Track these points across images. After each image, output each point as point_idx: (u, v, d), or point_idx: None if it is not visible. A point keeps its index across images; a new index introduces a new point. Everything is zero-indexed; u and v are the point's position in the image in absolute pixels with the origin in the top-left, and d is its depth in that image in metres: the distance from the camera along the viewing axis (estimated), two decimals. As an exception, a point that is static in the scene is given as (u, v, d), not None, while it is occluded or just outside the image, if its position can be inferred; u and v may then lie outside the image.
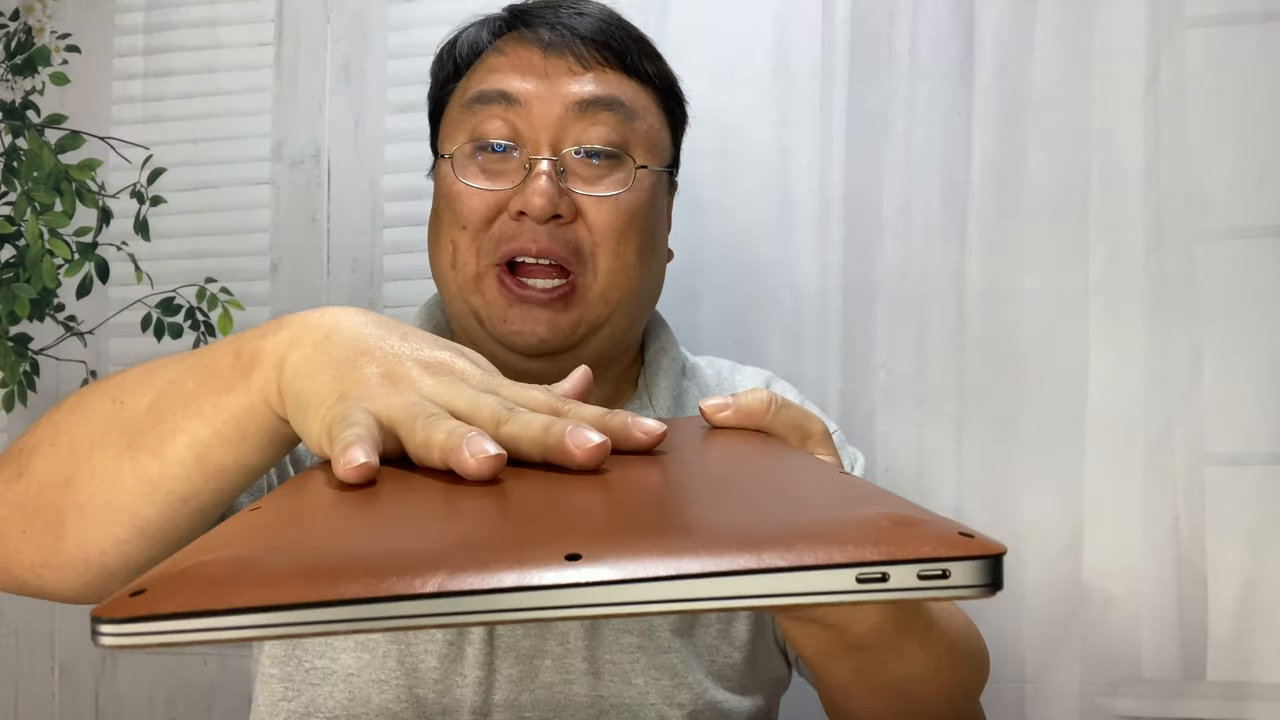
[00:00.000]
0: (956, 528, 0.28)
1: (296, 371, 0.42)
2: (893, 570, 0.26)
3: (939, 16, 1.01)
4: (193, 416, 0.45)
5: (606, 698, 0.64)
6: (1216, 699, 0.94)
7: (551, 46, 0.67)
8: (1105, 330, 0.97)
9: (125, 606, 0.26)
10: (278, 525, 0.32)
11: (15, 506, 0.51)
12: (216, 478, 0.46)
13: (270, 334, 0.44)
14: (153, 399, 0.47)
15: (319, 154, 1.12)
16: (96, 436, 0.48)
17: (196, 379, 0.46)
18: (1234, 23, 0.96)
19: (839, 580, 0.26)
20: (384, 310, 1.10)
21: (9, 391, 1.18)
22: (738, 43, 1.04)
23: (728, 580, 0.26)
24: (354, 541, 0.29)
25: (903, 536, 0.27)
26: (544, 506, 0.32)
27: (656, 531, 0.28)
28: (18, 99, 1.18)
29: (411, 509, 0.33)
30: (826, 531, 0.27)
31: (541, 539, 0.27)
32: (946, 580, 0.26)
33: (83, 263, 1.17)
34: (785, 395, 0.77)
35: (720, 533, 0.27)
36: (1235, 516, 0.94)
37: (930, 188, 1.01)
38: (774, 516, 0.29)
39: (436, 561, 0.26)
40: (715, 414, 0.46)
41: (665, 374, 0.73)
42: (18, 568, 0.51)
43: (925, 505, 0.94)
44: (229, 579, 0.26)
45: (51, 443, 0.50)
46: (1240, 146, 0.95)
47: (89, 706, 1.15)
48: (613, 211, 0.65)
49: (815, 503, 0.32)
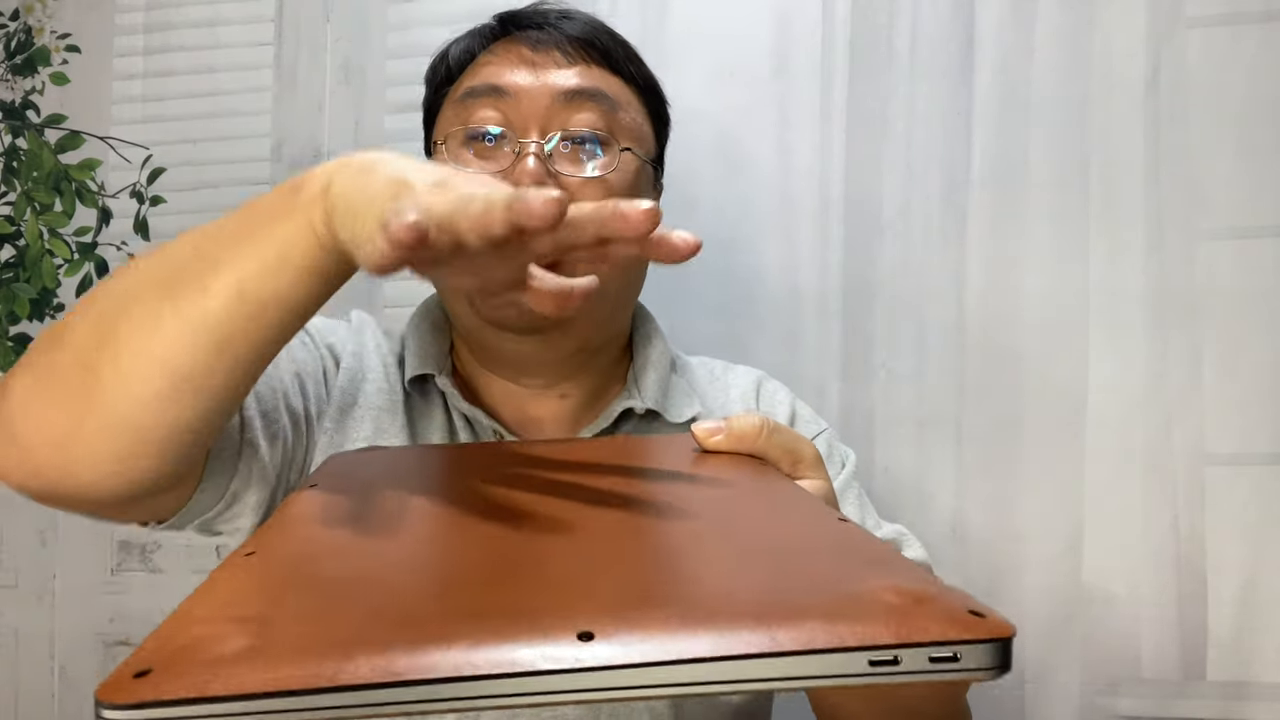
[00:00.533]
0: (967, 605, 0.27)
1: (345, 188, 0.43)
2: (904, 654, 0.26)
3: (939, 16, 1.01)
4: (236, 250, 0.46)
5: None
6: (1216, 699, 0.94)
7: (540, 44, 0.70)
8: (1105, 330, 0.97)
9: (130, 690, 0.25)
10: (276, 582, 0.31)
11: (46, 375, 0.49)
12: (257, 316, 0.46)
13: (313, 170, 0.45)
14: (195, 245, 0.47)
15: (319, 154, 1.12)
16: (135, 288, 0.48)
17: (239, 219, 0.47)
18: (1234, 23, 0.96)
19: (851, 663, 0.26)
20: (384, 311, 1.10)
21: (9, 391, 1.18)
22: (738, 43, 1.04)
23: (738, 664, 0.26)
24: (358, 610, 0.28)
25: (914, 616, 0.27)
26: (546, 565, 0.31)
27: (667, 607, 0.27)
28: (18, 99, 1.18)
29: (409, 565, 0.32)
30: (837, 610, 0.27)
31: (550, 612, 0.27)
32: (957, 663, 0.26)
33: (83, 263, 1.17)
34: (776, 395, 0.78)
35: (728, 608, 0.27)
36: (1235, 516, 0.94)
37: (930, 188, 1.01)
38: (780, 584, 0.29)
39: (447, 638, 0.26)
40: (708, 438, 0.46)
41: (653, 366, 0.74)
42: (43, 446, 0.49)
43: (925, 506, 0.94)
44: (233, 660, 0.26)
45: (92, 302, 0.49)
46: (1240, 146, 0.95)
47: (89, 706, 1.15)
48: (598, 191, 0.67)
49: (818, 564, 0.32)
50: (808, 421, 0.79)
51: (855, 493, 0.76)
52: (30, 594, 1.16)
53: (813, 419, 0.80)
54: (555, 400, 0.73)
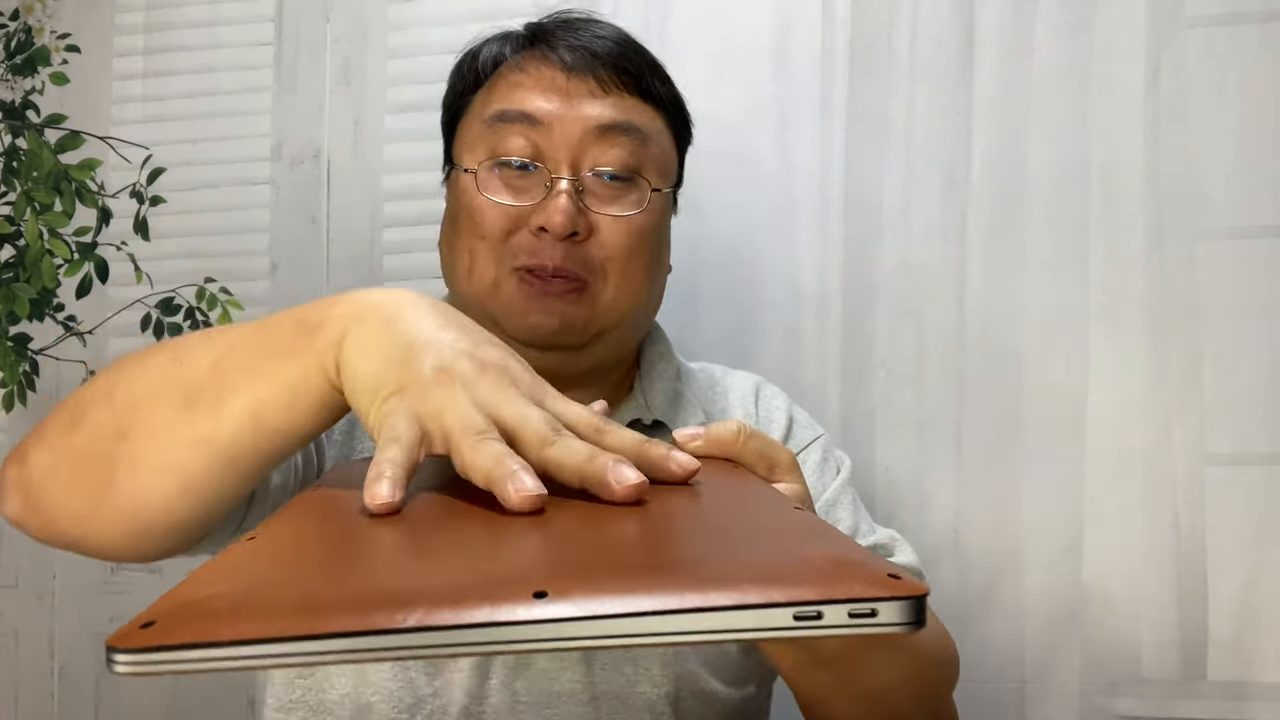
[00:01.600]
0: (886, 569, 0.31)
1: (356, 348, 0.44)
2: (826, 609, 0.29)
3: (939, 16, 1.01)
4: (252, 378, 0.47)
5: (598, 684, 0.66)
6: (1216, 699, 0.94)
7: (573, 69, 0.69)
8: (1105, 330, 0.97)
9: (136, 638, 0.28)
10: (272, 557, 0.35)
11: (66, 455, 0.52)
12: (268, 440, 0.48)
13: (335, 305, 0.47)
14: (214, 360, 0.49)
15: (319, 154, 1.12)
16: (155, 393, 0.50)
17: (258, 343, 0.48)
18: (1234, 23, 0.96)
19: (778, 618, 0.29)
20: (384, 310, 1.10)
21: (9, 391, 1.18)
22: (738, 43, 1.04)
23: (678, 617, 0.29)
24: (341, 577, 0.32)
25: (837, 577, 0.30)
26: (517, 542, 0.35)
27: (617, 571, 0.31)
28: (18, 99, 1.18)
29: (395, 543, 0.36)
30: (769, 571, 0.30)
31: (512, 577, 0.30)
32: (874, 618, 0.29)
33: (82, 263, 1.17)
34: (774, 400, 0.79)
35: (673, 571, 0.31)
36: (1235, 516, 0.94)
37: (930, 188, 1.01)
38: (725, 555, 0.33)
39: (415, 598, 0.29)
40: (687, 443, 0.48)
41: (661, 377, 0.75)
42: (63, 518, 0.53)
43: (925, 506, 0.95)
44: (228, 613, 0.29)
45: (108, 396, 0.51)
46: (1240, 146, 0.95)
47: (89, 706, 1.15)
48: (626, 231, 0.69)
49: (764, 541, 0.35)
50: (804, 427, 0.79)
51: (850, 499, 0.76)
52: (30, 594, 1.16)
53: (809, 424, 0.80)
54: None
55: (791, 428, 0.78)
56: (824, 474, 0.77)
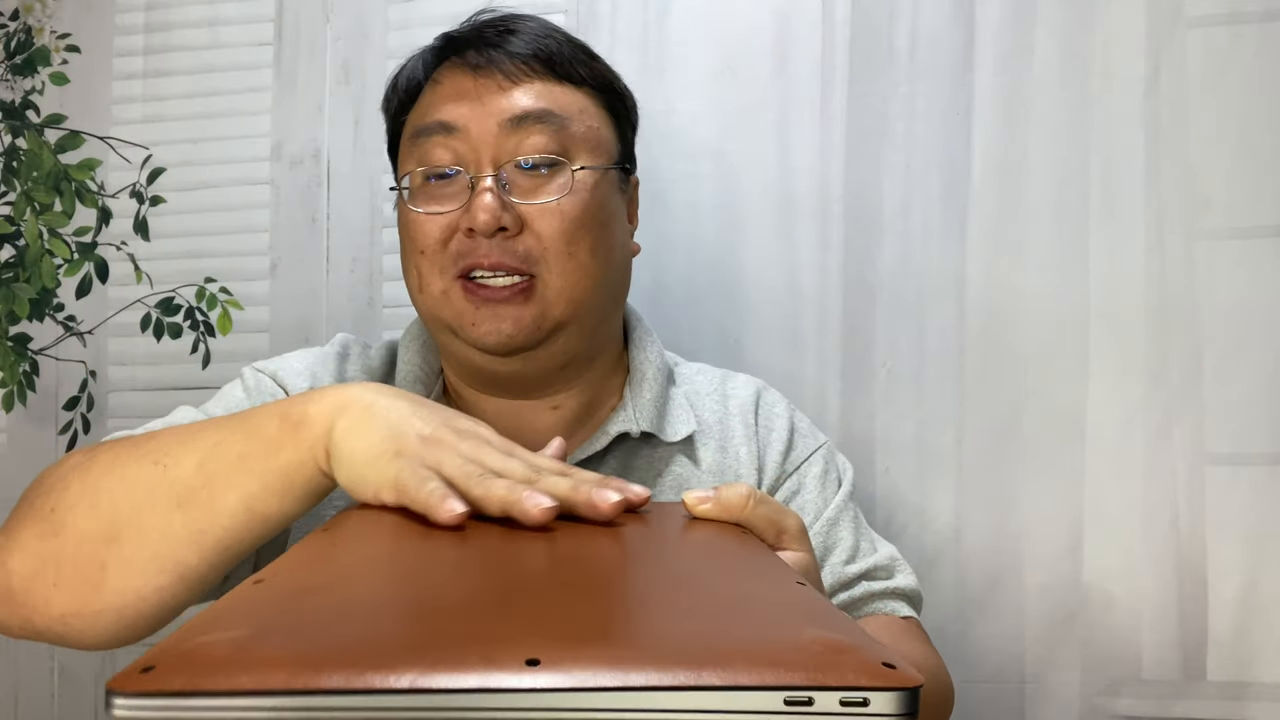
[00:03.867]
0: (882, 657, 0.30)
1: (346, 435, 0.50)
2: (818, 695, 0.29)
3: (939, 16, 1.01)
4: (243, 474, 0.52)
5: None
6: (1216, 699, 0.94)
7: (479, 68, 0.70)
8: (1105, 330, 0.97)
9: (135, 682, 0.29)
10: (276, 604, 0.35)
11: (48, 561, 0.55)
12: (261, 526, 0.52)
13: (314, 400, 0.52)
14: (199, 461, 0.53)
15: (319, 154, 1.12)
16: (142, 498, 0.53)
17: (244, 440, 0.52)
18: (1234, 23, 0.96)
19: (768, 701, 0.29)
20: (383, 311, 1.10)
21: (9, 391, 1.18)
22: (738, 42, 1.04)
23: (667, 695, 0.29)
24: (340, 630, 0.32)
25: (831, 663, 0.30)
26: (513, 602, 0.35)
27: (610, 642, 0.31)
28: (18, 99, 1.18)
29: (394, 595, 0.37)
30: (762, 652, 0.30)
31: (506, 641, 0.31)
32: (865, 708, 0.29)
33: (82, 263, 1.17)
34: (774, 407, 0.78)
35: (666, 646, 0.31)
36: (1235, 516, 0.94)
37: (930, 188, 1.01)
38: (720, 631, 0.33)
39: (410, 659, 0.29)
40: (696, 506, 0.49)
41: (650, 384, 0.74)
42: (43, 618, 0.55)
43: (925, 506, 0.96)
44: (225, 662, 0.30)
45: (91, 504, 0.54)
46: (1240, 146, 0.95)
47: (89, 706, 1.15)
48: (556, 216, 0.68)
49: (761, 619, 0.35)
50: (805, 436, 0.78)
51: (851, 516, 0.76)
52: (30, 594, 1.16)
53: (810, 433, 0.79)
54: (548, 412, 0.73)
55: (793, 437, 0.77)
56: (825, 487, 0.76)
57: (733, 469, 0.74)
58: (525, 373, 0.71)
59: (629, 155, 0.76)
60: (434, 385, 0.73)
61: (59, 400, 1.17)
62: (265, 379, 0.73)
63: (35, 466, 1.18)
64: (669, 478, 0.73)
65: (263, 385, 0.72)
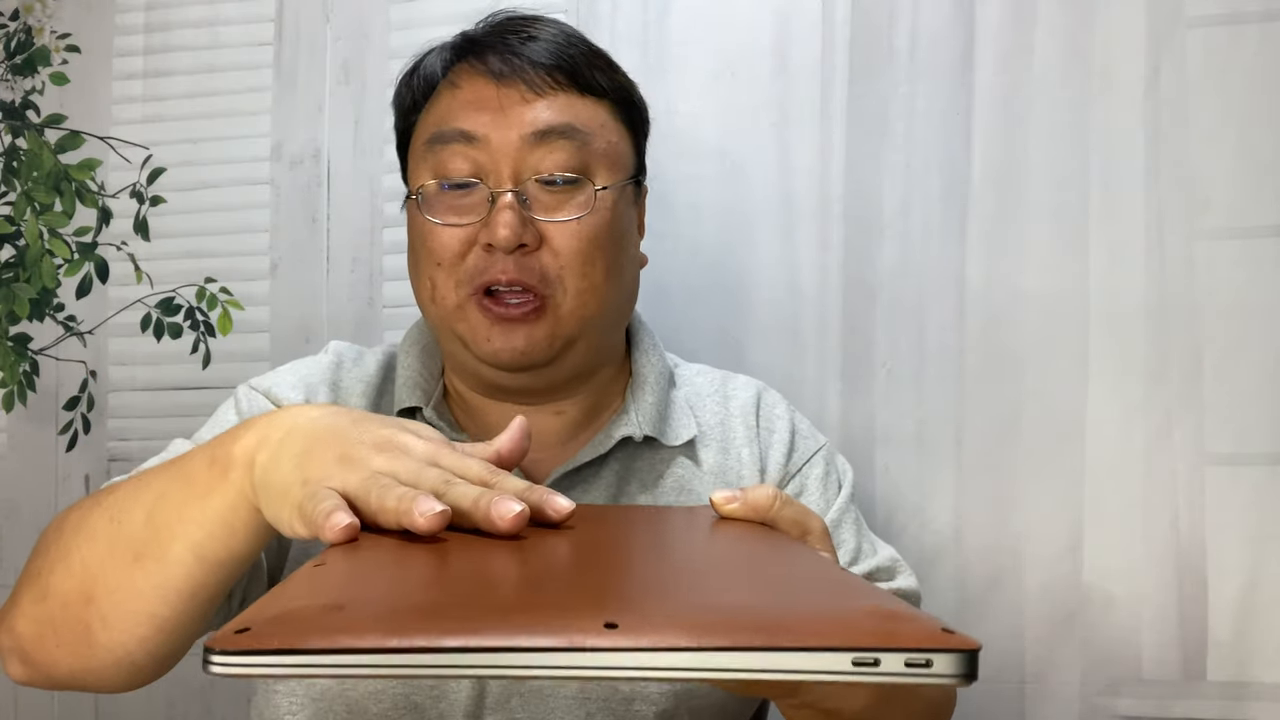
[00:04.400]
0: (939, 624, 0.32)
1: (265, 469, 0.49)
2: (884, 656, 0.30)
3: (939, 16, 1.01)
4: (185, 522, 0.52)
5: (593, 700, 0.66)
6: (1216, 699, 0.94)
7: (502, 77, 0.68)
8: (1105, 330, 0.97)
9: (232, 641, 0.31)
10: (350, 578, 0.37)
11: (44, 624, 0.56)
12: (215, 571, 0.53)
13: (239, 438, 0.51)
14: (147, 513, 0.53)
15: (319, 154, 1.12)
16: (104, 555, 0.54)
17: (180, 489, 0.53)
18: (1234, 23, 0.96)
19: (836, 661, 0.30)
20: (383, 311, 1.10)
21: (9, 391, 1.18)
22: (738, 42, 1.04)
23: (743, 655, 0.30)
24: (420, 601, 0.33)
25: (894, 628, 0.31)
26: (584, 574, 0.37)
27: (680, 608, 0.33)
28: (18, 99, 1.18)
29: (464, 573, 0.38)
30: (829, 618, 0.32)
31: (586, 606, 0.32)
32: (929, 669, 0.30)
33: (82, 263, 1.17)
34: (775, 408, 0.78)
35: (736, 612, 0.32)
36: (1235, 516, 0.94)
37: (930, 188, 1.01)
38: (783, 601, 0.35)
39: (494, 620, 0.31)
40: (724, 505, 0.50)
41: (651, 388, 0.74)
42: (61, 674, 0.57)
43: (925, 506, 0.96)
44: (321, 624, 0.31)
45: (65, 564, 0.56)
46: (1240, 146, 0.95)
47: (89, 706, 1.15)
48: (575, 236, 0.67)
49: (818, 592, 0.37)
50: (806, 437, 0.78)
51: (852, 518, 0.76)
52: (30, 594, 1.16)
53: (811, 434, 0.79)
54: (551, 416, 0.73)
55: (794, 439, 0.77)
56: (826, 489, 0.76)
57: (735, 470, 0.75)
58: (533, 384, 0.71)
59: (642, 165, 0.76)
60: (434, 391, 0.73)
61: (59, 400, 1.17)
62: (258, 397, 0.72)
63: (35, 466, 1.18)
64: (671, 480, 0.73)
65: (256, 406, 0.71)
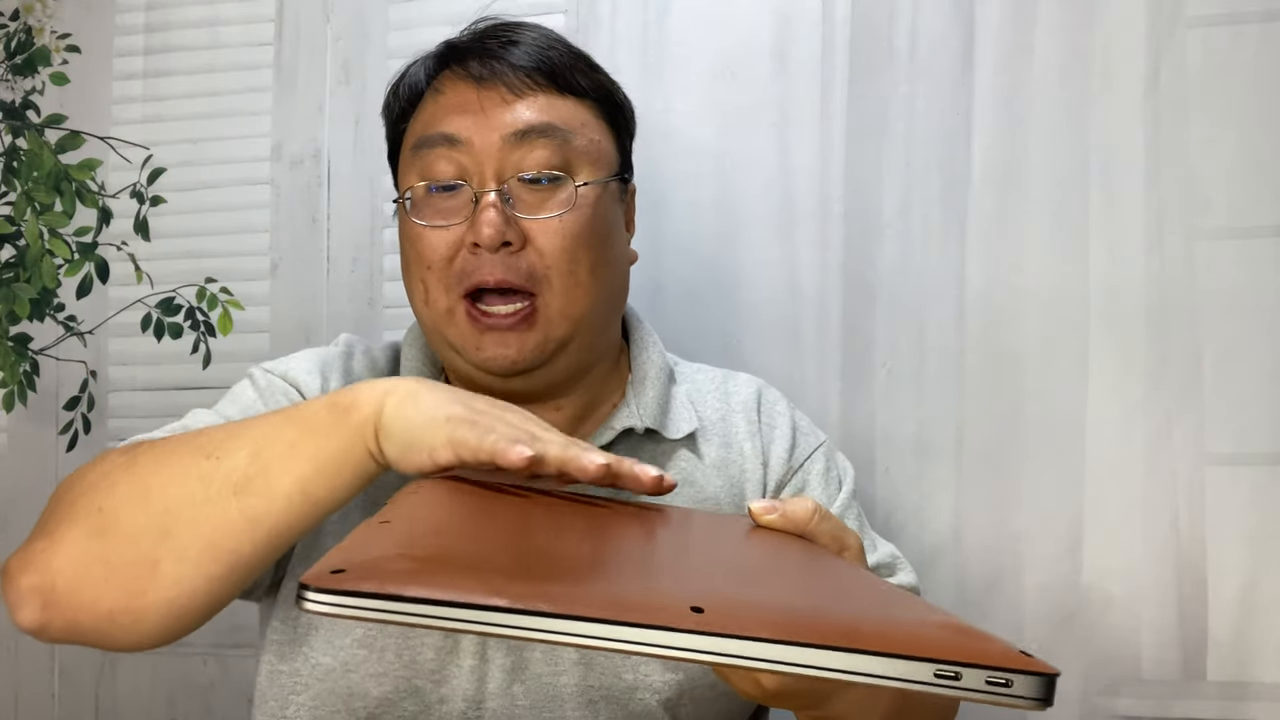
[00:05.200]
0: (1017, 646, 0.33)
1: (398, 408, 0.53)
2: (965, 672, 0.31)
3: (939, 16, 1.01)
4: (297, 459, 0.54)
5: (596, 688, 0.67)
6: (1216, 699, 0.94)
7: (483, 80, 0.70)
8: (1105, 330, 0.97)
9: (328, 580, 0.31)
10: (420, 538, 0.37)
11: (98, 559, 0.56)
12: (313, 510, 0.55)
13: (362, 390, 0.55)
14: (253, 450, 0.55)
15: (319, 154, 1.12)
16: (197, 490, 0.55)
17: (296, 429, 0.55)
18: (1234, 23, 0.96)
19: (919, 671, 0.31)
20: (383, 311, 1.10)
21: (9, 391, 1.18)
22: (738, 42, 1.04)
23: (829, 654, 0.30)
24: (507, 559, 0.34)
25: (975, 645, 0.32)
26: (657, 558, 0.38)
27: (771, 605, 0.33)
28: (18, 99, 1.18)
29: (543, 538, 0.39)
30: (910, 628, 0.33)
31: (670, 589, 0.33)
32: (1008, 689, 0.31)
33: (82, 263, 1.17)
34: (776, 406, 0.79)
35: (822, 612, 0.33)
36: (1235, 516, 0.94)
37: (930, 188, 1.01)
38: (859, 608, 0.35)
39: (590, 591, 0.32)
40: (763, 515, 0.50)
41: (652, 382, 0.75)
42: (89, 617, 0.56)
43: (925, 506, 0.96)
44: (417, 573, 0.32)
45: (143, 500, 0.56)
46: (1240, 146, 0.95)
47: (89, 706, 1.15)
48: (559, 234, 0.68)
49: (892, 604, 0.37)
50: (806, 433, 0.79)
51: (855, 513, 0.77)
52: (30, 594, 1.16)
53: (811, 431, 0.80)
54: (550, 412, 0.74)
55: (795, 435, 0.78)
56: (828, 485, 0.77)
57: (737, 464, 0.75)
58: (529, 387, 0.72)
59: (627, 164, 0.77)
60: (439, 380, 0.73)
61: (59, 400, 1.17)
62: (275, 379, 0.73)
63: (35, 466, 1.18)
64: (673, 472, 0.74)
65: (274, 385, 0.72)
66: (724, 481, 0.74)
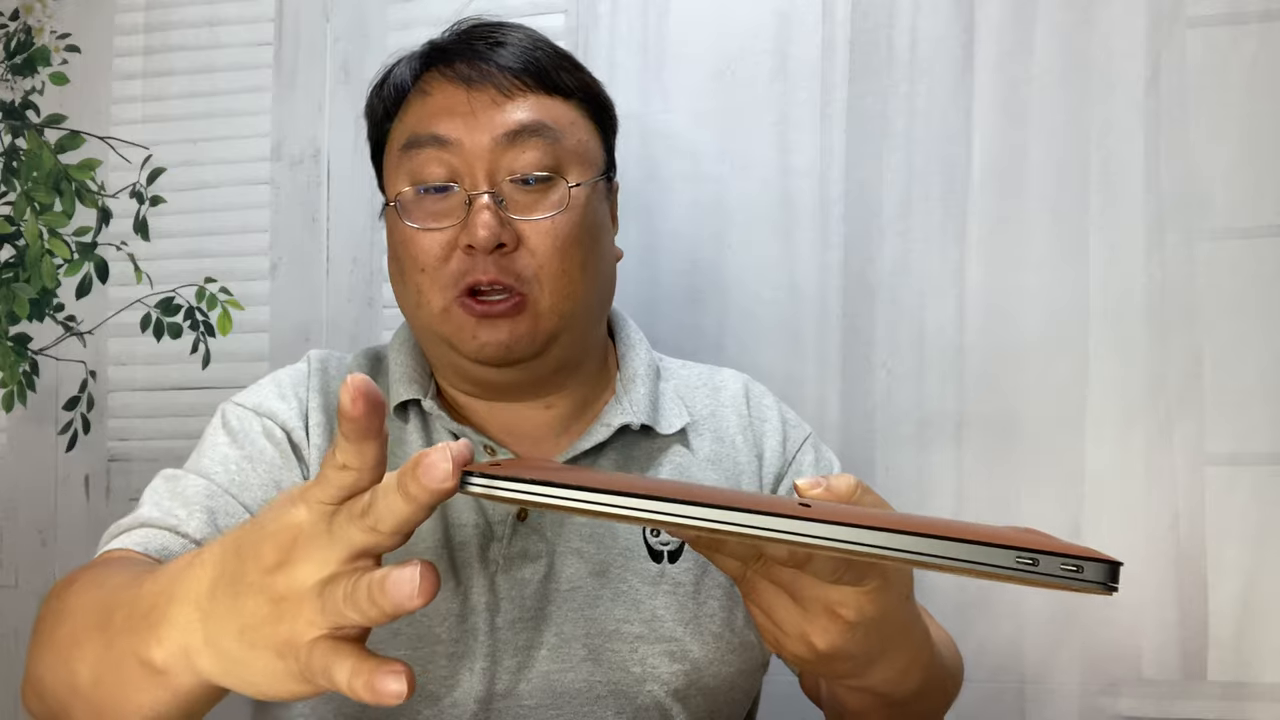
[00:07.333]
0: (1085, 545, 0.37)
1: (213, 664, 0.43)
2: (1042, 558, 0.35)
3: (939, 16, 1.01)
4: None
5: (604, 683, 0.67)
6: (1216, 699, 0.94)
7: (472, 82, 0.70)
8: (1105, 330, 0.97)
9: (489, 468, 0.36)
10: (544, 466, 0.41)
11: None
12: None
13: (159, 649, 0.45)
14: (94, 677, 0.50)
15: (319, 154, 1.12)
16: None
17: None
18: (1234, 23, 0.96)
19: (1004, 557, 0.35)
20: (383, 311, 1.10)
21: (9, 391, 1.18)
22: (738, 43, 1.04)
23: (923, 540, 0.35)
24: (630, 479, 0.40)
25: (1048, 540, 0.37)
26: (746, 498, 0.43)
27: (864, 511, 0.38)
28: (18, 99, 1.18)
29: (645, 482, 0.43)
30: (993, 529, 0.38)
31: (776, 498, 0.40)
32: (1079, 574, 0.35)
33: (82, 263, 1.17)
34: (763, 399, 0.80)
35: (916, 517, 0.38)
36: (1235, 516, 0.94)
37: (930, 188, 1.01)
38: (945, 520, 0.39)
39: (718, 494, 0.37)
40: (809, 490, 0.51)
41: (642, 380, 0.76)
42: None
43: (925, 506, 0.98)
44: (567, 471, 0.37)
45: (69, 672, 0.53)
46: (1240, 146, 0.95)
47: (89, 706, 1.15)
48: (550, 234, 0.69)
49: (959, 518, 0.41)
50: (794, 425, 0.80)
51: None
52: (30, 594, 1.16)
53: (797, 423, 0.81)
54: (542, 411, 0.74)
55: (785, 427, 0.79)
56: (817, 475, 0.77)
57: (730, 456, 0.76)
58: (520, 380, 0.72)
59: (612, 162, 0.77)
60: (429, 385, 0.74)
61: (59, 400, 1.17)
62: (248, 413, 0.72)
63: (35, 466, 1.18)
64: (669, 466, 0.74)
65: (247, 423, 0.71)
66: (718, 475, 0.75)
